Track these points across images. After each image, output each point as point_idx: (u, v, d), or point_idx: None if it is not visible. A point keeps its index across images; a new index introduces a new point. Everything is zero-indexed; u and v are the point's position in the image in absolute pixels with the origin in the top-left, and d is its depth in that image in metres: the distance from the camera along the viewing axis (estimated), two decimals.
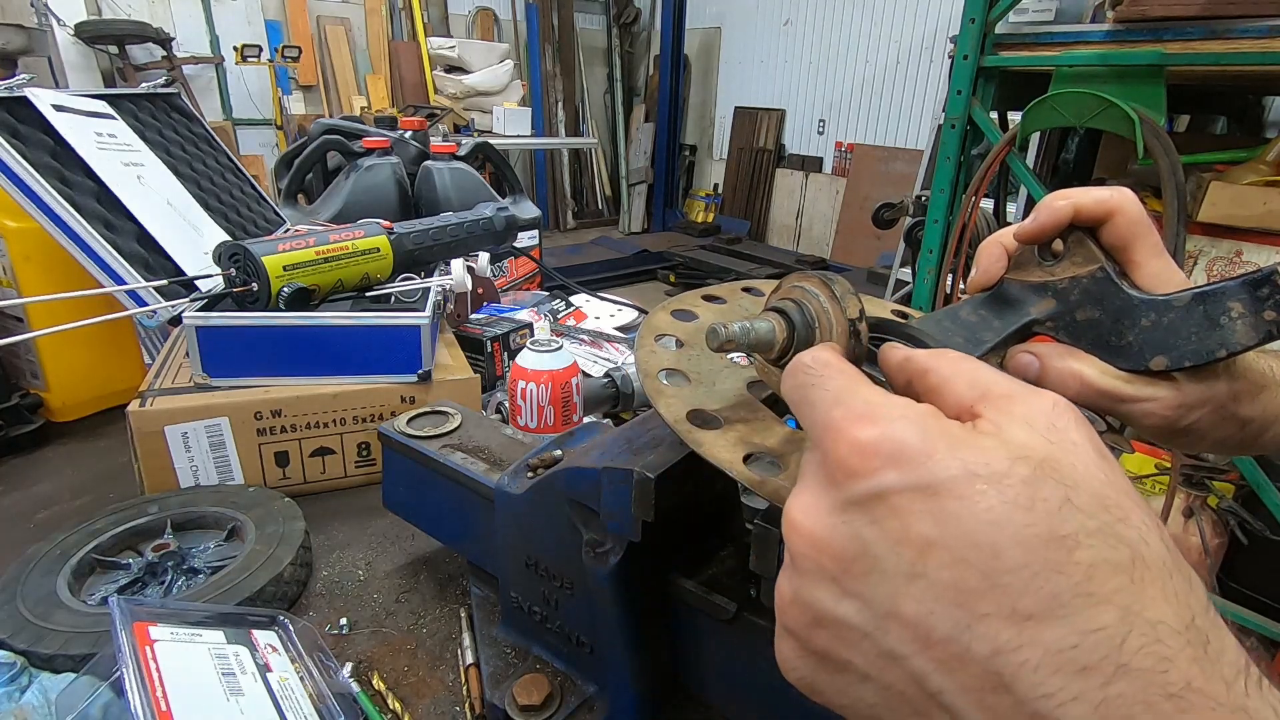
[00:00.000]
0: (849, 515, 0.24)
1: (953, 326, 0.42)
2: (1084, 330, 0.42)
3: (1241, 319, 0.36)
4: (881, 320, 0.41)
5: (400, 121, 1.73)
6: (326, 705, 0.54)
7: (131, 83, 4.36)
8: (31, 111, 1.00)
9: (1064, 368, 0.40)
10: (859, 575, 0.23)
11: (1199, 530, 1.98)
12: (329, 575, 0.78)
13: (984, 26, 2.01)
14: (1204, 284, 0.37)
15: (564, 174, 7.49)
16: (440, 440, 0.71)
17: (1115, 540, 0.21)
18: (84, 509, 0.88)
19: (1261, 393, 0.41)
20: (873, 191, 6.04)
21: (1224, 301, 0.36)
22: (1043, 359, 0.41)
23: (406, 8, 6.21)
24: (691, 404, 0.40)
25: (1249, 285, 0.36)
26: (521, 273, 1.73)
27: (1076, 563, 0.20)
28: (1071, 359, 0.40)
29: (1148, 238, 0.40)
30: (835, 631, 0.24)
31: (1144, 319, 0.39)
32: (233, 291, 0.87)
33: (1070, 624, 0.20)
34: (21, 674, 0.57)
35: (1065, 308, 0.42)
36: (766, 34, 6.97)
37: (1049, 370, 0.41)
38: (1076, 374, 0.40)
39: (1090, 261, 0.41)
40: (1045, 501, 0.21)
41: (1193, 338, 0.37)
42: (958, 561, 0.21)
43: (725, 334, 0.34)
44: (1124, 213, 0.40)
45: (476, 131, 5.59)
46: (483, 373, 1.14)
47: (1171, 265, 0.41)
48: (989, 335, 0.42)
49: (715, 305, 0.50)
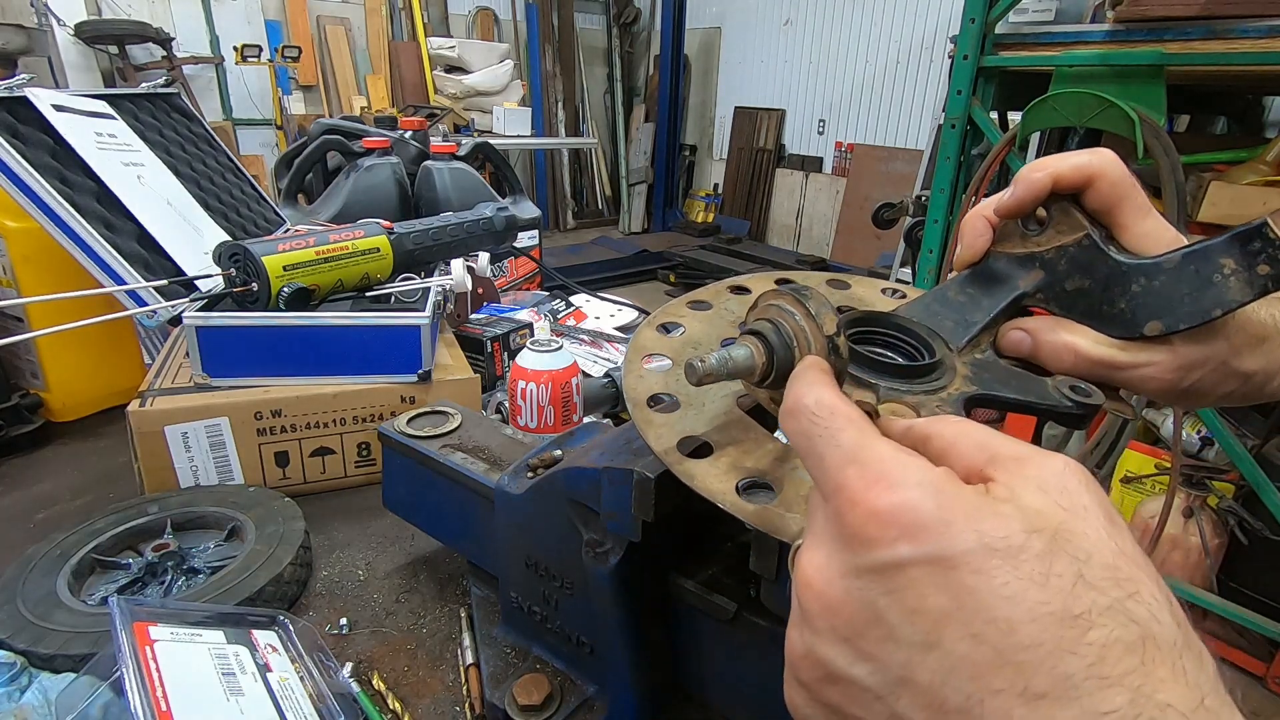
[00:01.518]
0: (863, 582, 0.23)
1: (941, 310, 0.42)
2: (1075, 300, 0.40)
3: (1234, 275, 0.35)
4: (868, 314, 0.41)
5: (400, 121, 1.73)
6: (326, 705, 0.54)
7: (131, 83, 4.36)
8: (31, 111, 1.00)
9: (1056, 341, 0.39)
10: (875, 640, 0.23)
11: (1199, 530, 1.98)
12: (329, 575, 0.78)
13: (984, 26, 2.01)
14: (1192, 243, 0.36)
15: (564, 174, 7.49)
16: (440, 440, 0.71)
17: (1127, 619, 0.21)
18: (84, 509, 0.88)
19: (1263, 344, 0.40)
20: (873, 191, 6.03)
21: (1214, 259, 0.35)
22: (1034, 334, 0.40)
23: (406, 8, 6.21)
24: (681, 431, 0.39)
25: (1239, 240, 0.34)
26: (521, 273, 1.73)
27: (1089, 643, 0.20)
28: (1064, 331, 0.39)
29: (1133, 198, 0.39)
30: (847, 690, 0.24)
31: (1134, 284, 0.38)
32: (233, 291, 0.87)
33: (1081, 706, 0.20)
34: (21, 674, 0.57)
35: (1054, 278, 0.41)
36: (766, 34, 6.96)
37: (1041, 345, 0.40)
38: (1070, 346, 0.39)
39: (1075, 230, 0.40)
40: (1060, 578, 0.21)
41: (1186, 299, 0.36)
42: (973, 636, 0.21)
43: (702, 369, 0.33)
44: (1105, 176, 0.39)
45: (476, 131, 5.59)
46: (483, 373, 1.14)
47: (1162, 223, 0.39)
48: (978, 315, 0.41)
49: (702, 312, 0.49)
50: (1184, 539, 2.01)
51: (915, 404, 0.36)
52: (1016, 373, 0.40)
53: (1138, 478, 2.17)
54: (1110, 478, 2.18)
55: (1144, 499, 2.15)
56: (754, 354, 0.34)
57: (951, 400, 0.37)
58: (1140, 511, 2.13)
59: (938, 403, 0.36)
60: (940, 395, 0.37)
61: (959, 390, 0.38)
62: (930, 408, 0.36)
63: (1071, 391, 0.38)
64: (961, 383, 0.38)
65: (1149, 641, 0.21)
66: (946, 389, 0.37)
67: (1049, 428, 2.45)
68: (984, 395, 0.37)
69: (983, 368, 0.40)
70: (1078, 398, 0.37)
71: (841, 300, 0.51)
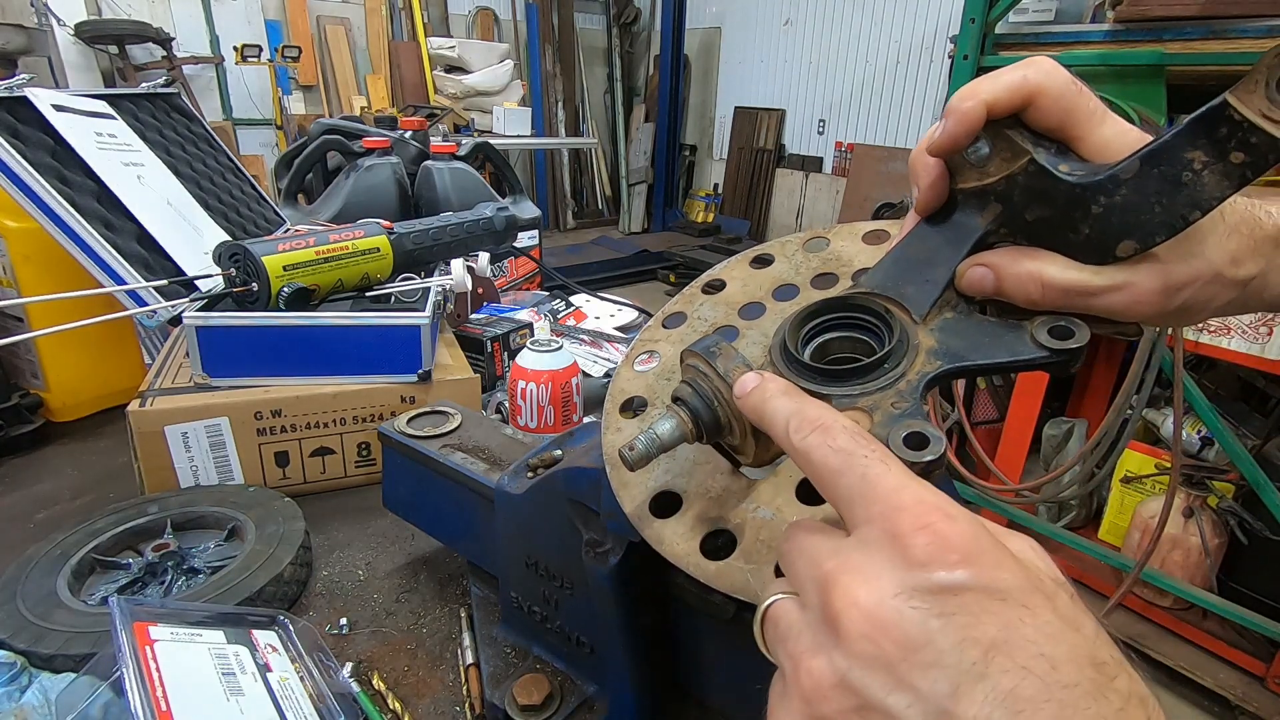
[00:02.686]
0: (919, 601, 0.23)
1: (903, 272, 0.39)
2: (1038, 231, 0.36)
3: (1207, 169, 0.30)
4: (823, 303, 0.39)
5: (400, 121, 1.73)
6: (326, 705, 0.54)
7: (131, 83, 4.36)
8: (31, 111, 1.00)
9: (1020, 272, 0.36)
10: (919, 666, 0.22)
11: (1199, 530, 1.98)
12: (329, 575, 0.78)
13: (984, 26, 2.01)
14: (1148, 143, 0.31)
15: (564, 174, 7.49)
16: (440, 440, 0.71)
17: (1131, 677, 0.22)
18: (84, 509, 0.88)
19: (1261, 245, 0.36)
20: (873, 191, 6.03)
21: (1179, 155, 0.30)
22: (995, 268, 0.36)
23: (406, 8, 6.21)
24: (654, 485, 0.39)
25: (1201, 127, 0.30)
26: (521, 273, 1.73)
27: (1116, 690, 0.21)
28: (1027, 260, 0.36)
29: (1081, 106, 0.35)
30: None
31: (1094, 206, 0.33)
32: (233, 291, 0.87)
33: None
34: (21, 674, 0.57)
35: (1012, 211, 0.37)
36: (766, 34, 6.96)
37: (1005, 279, 0.36)
38: (1035, 275, 0.35)
39: (1018, 155, 0.35)
40: (1085, 627, 0.23)
41: (1156, 208, 0.32)
42: (1021, 668, 0.21)
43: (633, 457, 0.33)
44: (1045, 91, 0.34)
45: (476, 131, 5.59)
46: (483, 373, 1.14)
47: (1122, 126, 0.35)
48: (942, 271, 0.38)
49: (676, 330, 0.49)
50: (1184, 539, 2.01)
51: (870, 406, 0.34)
52: (990, 327, 0.36)
53: (1138, 478, 2.17)
54: (1110, 478, 2.18)
55: (1144, 499, 2.15)
56: (681, 423, 0.33)
57: (910, 390, 0.34)
58: (1140, 511, 2.13)
59: (894, 398, 0.34)
60: (897, 387, 0.35)
61: (920, 372, 0.35)
62: (885, 408, 0.34)
63: (1050, 336, 0.34)
64: (925, 359, 0.35)
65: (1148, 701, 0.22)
66: (905, 375, 0.35)
67: (1049, 427, 2.45)
68: (947, 371, 0.35)
69: (952, 331, 0.37)
70: (1056, 343, 0.34)
71: (820, 264, 0.48)
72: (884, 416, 0.34)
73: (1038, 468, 2.43)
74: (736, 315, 0.47)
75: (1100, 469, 2.07)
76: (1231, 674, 1.95)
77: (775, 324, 0.42)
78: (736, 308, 0.47)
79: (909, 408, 0.34)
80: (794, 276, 0.47)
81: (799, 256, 0.49)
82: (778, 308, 0.45)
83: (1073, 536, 2.23)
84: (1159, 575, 2.00)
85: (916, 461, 0.31)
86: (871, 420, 0.34)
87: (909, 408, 0.34)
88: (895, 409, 0.34)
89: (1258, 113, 0.28)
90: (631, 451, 0.33)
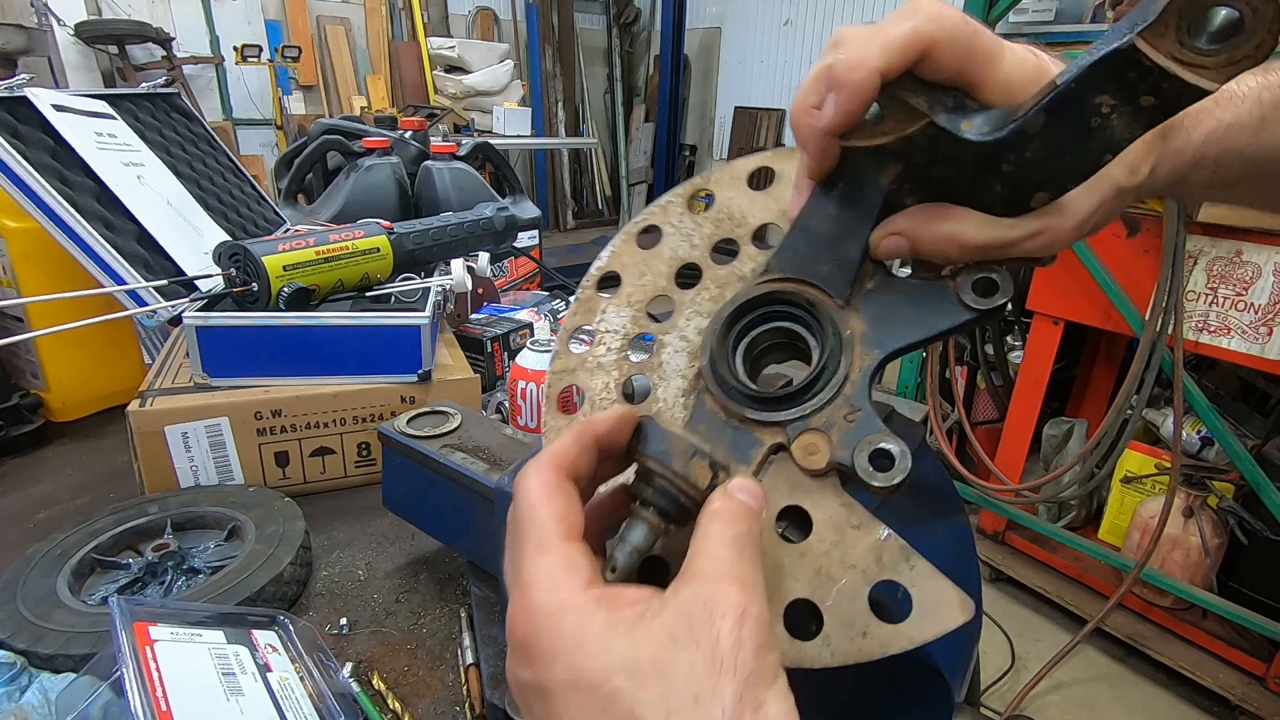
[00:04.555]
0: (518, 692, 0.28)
1: (813, 250, 0.37)
2: (946, 188, 0.34)
3: (1115, 113, 0.28)
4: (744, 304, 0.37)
5: (400, 121, 1.73)
6: (326, 705, 0.54)
7: (131, 83, 4.36)
8: (31, 111, 1.00)
9: (936, 235, 0.34)
10: None
11: (1199, 530, 1.98)
12: (329, 575, 0.78)
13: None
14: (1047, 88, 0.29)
15: (564, 174, 7.49)
16: (440, 440, 0.71)
17: None
18: (84, 509, 0.88)
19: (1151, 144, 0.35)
20: None
21: (1086, 102, 0.29)
22: (908, 234, 0.35)
23: (406, 8, 6.21)
24: None
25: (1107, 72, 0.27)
26: (521, 273, 1.73)
27: None
28: (940, 222, 0.34)
29: (979, 47, 0.32)
30: None
31: (1004, 164, 0.31)
32: (233, 291, 0.87)
33: None
34: (21, 674, 0.57)
35: (914, 168, 0.34)
36: (766, 34, 6.96)
37: (921, 244, 0.35)
38: (952, 238, 0.34)
39: (915, 118, 0.32)
40: None
41: (1068, 157, 0.30)
42: None
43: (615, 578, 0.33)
44: (939, 41, 0.31)
45: (476, 131, 5.59)
46: (483, 373, 1.14)
47: (1019, 56, 0.33)
48: (853, 245, 0.36)
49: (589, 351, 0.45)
50: (1184, 539, 2.01)
51: (825, 424, 0.34)
52: (915, 294, 0.35)
53: (1138, 478, 2.17)
54: (1110, 478, 2.18)
55: (1144, 499, 2.15)
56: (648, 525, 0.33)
57: (858, 392, 0.34)
58: (1140, 511, 2.13)
59: (845, 409, 0.34)
60: (844, 393, 0.34)
61: (860, 368, 0.34)
62: (840, 423, 0.33)
63: (975, 294, 0.34)
64: (861, 350, 0.35)
65: None
66: (849, 376, 0.34)
67: (1049, 427, 2.45)
68: (885, 359, 0.34)
69: (878, 305, 0.35)
70: (984, 302, 0.33)
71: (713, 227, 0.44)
72: (840, 433, 0.33)
73: (1038, 468, 2.43)
74: (645, 317, 0.44)
75: (1100, 469, 2.07)
76: (1231, 674, 1.95)
77: (689, 321, 0.41)
78: (642, 307, 0.44)
79: (863, 415, 0.33)
80: (690, 251, 0.44)
81: (686, 222, 0.45)
82: (685, 298, 0.42)
83: (1073, 536, 2.23)
84: (1159, 575, 2.00)
85: (886, 485, 0.31)
86: (830, 441, 0.34)
87: (863, 415, 0.33)
88: (850, 421, 0.34)
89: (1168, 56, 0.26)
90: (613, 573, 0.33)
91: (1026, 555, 2.37)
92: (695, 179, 0.46)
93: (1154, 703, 2.01)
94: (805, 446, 0.34)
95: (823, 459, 0.34)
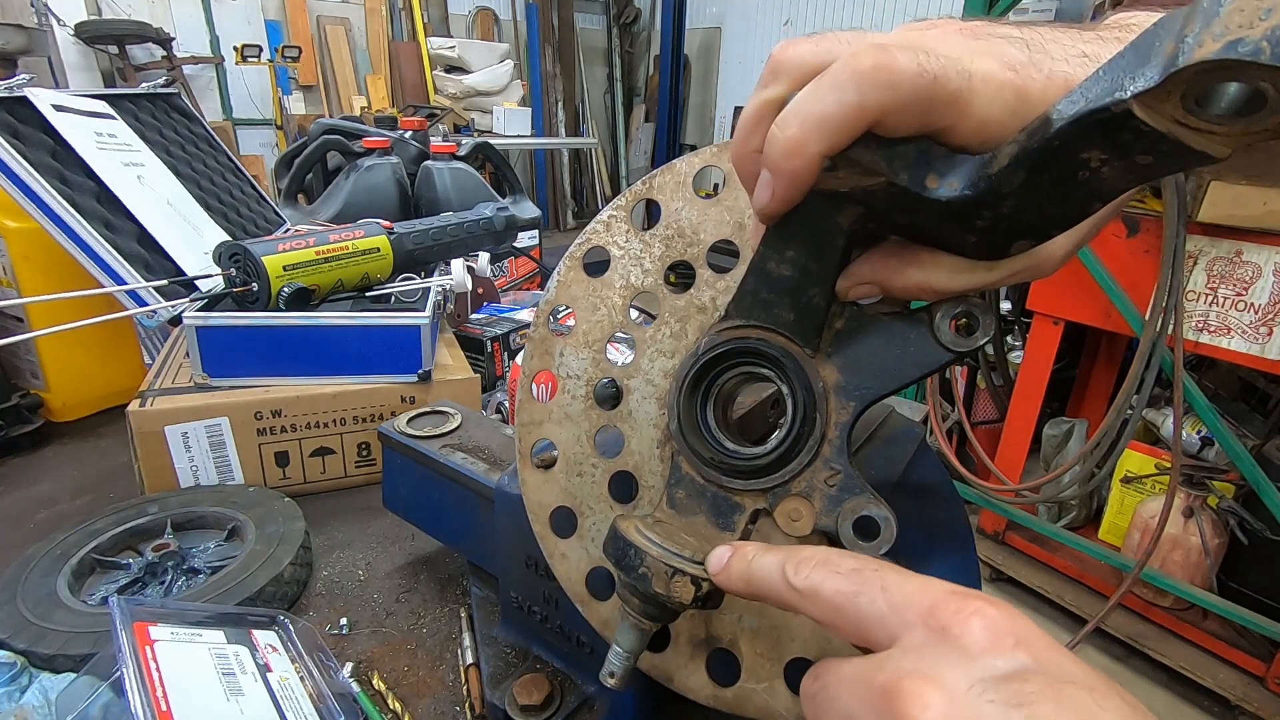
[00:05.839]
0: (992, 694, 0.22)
1: (773, 295, 0.34)
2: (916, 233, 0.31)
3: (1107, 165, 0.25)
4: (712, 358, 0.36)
5: (400, 121, 1.73)
6: (326, 705, 0.54)
7: (131, 83, 4.36)
8: (31, 111, 1.00)
9: (909, 284, 0.31)
10: None
11: (1199, 530, 1.98)
12: (329, 575, 0.78)
13: None
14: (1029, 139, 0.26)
15: (564, 174, 7.49)
16: (440, 440, 0.71)
17: None
18: (84, 509, 0.88)
19: None
20: None
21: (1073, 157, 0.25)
22: (880, 283, 0.32)
23: (406, 8, 6.21)
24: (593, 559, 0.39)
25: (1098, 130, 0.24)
26: (521, 273, 1.73)
27: None
28: (912, 269, 0.31)
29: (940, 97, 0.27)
30: None
31: (979, 219, 0.28)
32: (233, 291, 0.87)
33: None
34: (21, 674, 0.57)
35: (876, 212, 0.31)
36: (766, 34, 6.96)
37: (891, 290, 0.32)
38: (924, 286, 0.31)
39: (871, 174, 0.29)
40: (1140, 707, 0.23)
41: (1050, 207, 0.27)
42: None
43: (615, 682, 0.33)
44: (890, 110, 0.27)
45: (476, 131, 5.59)
46: (483, 373, 1.14)
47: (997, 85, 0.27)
48: (815, 293, 0.33)
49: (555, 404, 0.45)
50: (1184, 539, 2.01)
51: (806, 490, 0.33)
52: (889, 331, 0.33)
53: (1138, 478, 2.17)
54: (1110, 478, 2.18)
55: (1144, 499, 2.15)
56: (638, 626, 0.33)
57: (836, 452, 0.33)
58: (1140, 511, 2.13)
59: (826, 473, 0.33)
60: (823, 454, 0.33)
61: (837, 425, 0.33)
62: (821, 488, 0.33)
63: (955, 334, 0.32)
64: (836, 404, 0.33)
65: None
66: (826, 436, 0.33)
67: (1049, 427, 2.45)
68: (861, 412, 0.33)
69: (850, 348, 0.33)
70: (960, 346, 0.32)
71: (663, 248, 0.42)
72: (823, 499, 0.33)
73: (1038, 468, 2.43)
74: (605, 359, 0.43)
75: (1100, 469, 2.07)
76: (1231, 674, 1.95)
77: (653, 363, 0.40)
78: (601, 346, 0.43)
79: (843, 479, 0.33)
80: (641, 278, 0.42)
81: (634, 242, 0.42)
82: (645, 336, 0.41)
83: (1073, 536, 2.23)
84: (1159, 575, 2.00)
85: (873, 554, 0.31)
86: (814, 507, 0.33)
87: (843, 479, 0.33)
88: (830, 485, 0.33)
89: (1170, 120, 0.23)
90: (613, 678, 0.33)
91: (1026, 555, 2.37)
92: (637, 185, 0.43)
93: (1154, 703, 2.01)
94: (788, 513, 0.34)
95: (807, 525, 0.34)
